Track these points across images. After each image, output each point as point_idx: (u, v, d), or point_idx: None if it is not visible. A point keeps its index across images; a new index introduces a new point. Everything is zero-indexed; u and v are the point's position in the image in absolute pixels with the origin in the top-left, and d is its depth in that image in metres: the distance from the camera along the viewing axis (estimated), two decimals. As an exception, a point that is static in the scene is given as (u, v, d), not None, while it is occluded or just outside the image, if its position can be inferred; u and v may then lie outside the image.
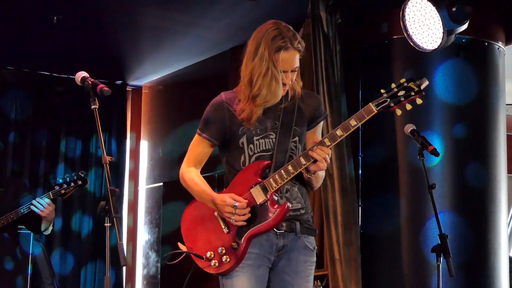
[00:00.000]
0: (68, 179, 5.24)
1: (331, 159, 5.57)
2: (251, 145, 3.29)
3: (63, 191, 5.20)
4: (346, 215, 5.56)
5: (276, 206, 3.21)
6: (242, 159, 3.30)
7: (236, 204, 3.18)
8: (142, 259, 8.63)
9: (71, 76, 7.73)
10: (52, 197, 5.18)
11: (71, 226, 8.05)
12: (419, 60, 5.53)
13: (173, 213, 7.56)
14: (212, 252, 3.27)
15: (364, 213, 5.72)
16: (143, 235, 8.65)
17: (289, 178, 3.20)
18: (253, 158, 3.29)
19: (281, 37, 3.22)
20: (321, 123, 3.46)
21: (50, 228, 5.33)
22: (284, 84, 3.27)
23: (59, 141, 8.13)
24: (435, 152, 4.20)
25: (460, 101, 5.53)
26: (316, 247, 3.40)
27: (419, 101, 3.20)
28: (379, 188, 5.69)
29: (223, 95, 3.39)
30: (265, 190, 3.22)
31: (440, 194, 5.29)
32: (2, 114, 7.85)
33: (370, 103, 3.19)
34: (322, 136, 3.45)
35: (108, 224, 3.04)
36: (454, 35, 5.09)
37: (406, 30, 5.19)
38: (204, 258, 3.27)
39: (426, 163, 4.29)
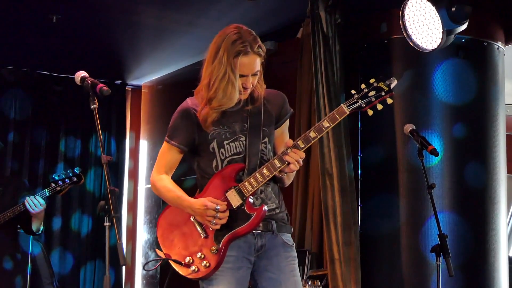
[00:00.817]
0: (63, 176, 5.25)
1: (331, 158, 5.62)
2: (222, 149, 3.30)
3: (58, 188, 5.22)
4: (345, 215, 5.56)
5: (253, 209, 3.24)
6: (214, 163, 3.32)
7: (218, 207, 3.20)
8: (142, 259, 8.63)
9: (70, 76, 7.76)
10: (48, 194, 5.18)
11: (71, 226, 8.05)
12: (419, 60, 5.53)
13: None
14: (190, 258, 3.28)
15: (363, 213, 5.72)
16: (143, 235, 8.65)
17: (264, 181, 3.22)
18: (225, 162, 3.31)
19: (241, 42, 3.24)
20: (288, 121, 3.48)
21: (42, 227, 5.34)
22: (245, 88, 3.29)
23: (58, 141, 8.13)
24: (434, 152, 4.21)
25: (460, 101, 5.53)
26: (294, 244, 3.42)
27: (389, 100, 3.21)
28: (378, 188, 5.69)
29: (189, 101, 3.41)
30: (240, 193, 3.24)
31: (439, 194, 5.29)
32: (1, 113, 7.85)
33: (342, 104, 3.22)
34: (289, 133, 3.50)
35: (108, 224, 3.05)
36: (453, 35, 5.09)
37: (406, 30, 5.19)
38: (182, 264, 3.28)
39: (425, 163, 4.30)
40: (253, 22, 6.64)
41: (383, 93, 3.19)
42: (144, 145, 8.86)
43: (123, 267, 8.26)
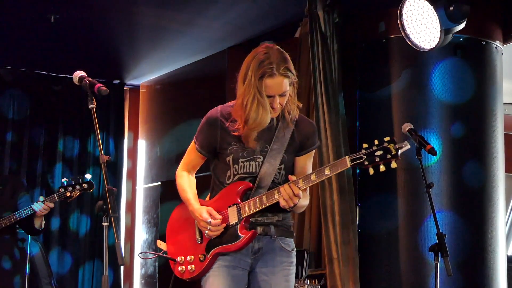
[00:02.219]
0: (72, 182, 5.23)
1: (329, 158, 5.61)
2: (235, 165, 3.37)
3: (68, 194, 5.20)
4: (344, 214, 5.56)
5: (244, 232, 3.31)
6: (228, 174, 3.40)
7: (210, 220, 3.30)
8: (140, 259, 8.62)
9: (68, 76, 7.76)
10: (57, 199, 5.17)
11: (69, 226, 8.05)
12: (417, 59, 5.54)
13: (170, 212, 7.53)
14: (182, 258, 3.42)
15: (362, 212, 5.72)
16: (141, 235, 8.65)
17: (261, 208, 3.29)
18: (236, 178, 3.38)
19: (268, 63, 3.24)
20: (313, 152, 3.49)
21: (43, 222, 5.34)
22: (273, 108, 3.31)
23: (56, 141, 8.12)
24: (432, 151, 4.21)
25: (458, 100, 5.53)
26: (294, 248, 3.47)
27: (394, 164, 3.14)
28: (377, 187, 5.69)
29: (219, 110, 3.44)
30: (239, 213, 3.32)
31: (437, 193, 5.29)
32: (-1, 113, 7.86)
33: (347, 157, 3.19)
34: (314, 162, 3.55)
35: (106, 224, 3.05)
36: (451, 34, 5.10)
37: (404, 29, 5.20)
38: (175, 261, 3.43)
39: (423, 162, 4.29)
40: (251, 22, 6.66)
41: (389, 156, 3.13)
42: (142, 145, 8.85)
43: (122, 267, 8.26)
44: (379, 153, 3.12)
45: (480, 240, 5.46)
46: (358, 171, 5.79)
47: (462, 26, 5.08)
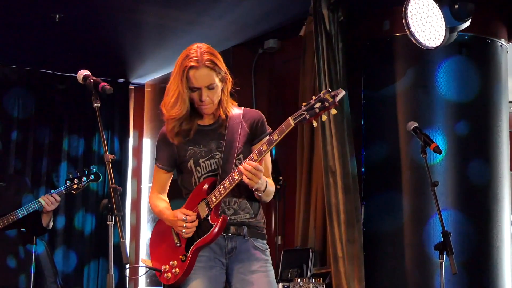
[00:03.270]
0: (78, 174, 5.24)
1: (334, 156, 5.62)
2: (198, 167, 3.46)
3: (75, 186, 5.20)
4: (349, 212, 5.56)
5: (215, 220, 3.38)
6: (193, 180, 3.48)
7: (185, 217, 3.37)
8: (146, 257, 8.61)
9: (73, 75, 7.77)
10: (64, 192, 5.17)
11: (74, 225, 8.05)
12: (422, 58, 5.53)
13: (175, 211, 7.54)
14: (166, 266, 3.48)
15: (367, 210, 5.72)
16: (146, 233, 8.66)
17: (226, 193, 3.34)
18: (201, 179, 3.46)
19: (192, 56, 3.34)
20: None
21: (51, 222, 5.32)
22: (202, 101, 3.38)
23: (61, 140, 8.13)
24: (437, 150, 4.21)
25: (463, 99, 5.53)
26: (268, 248, 3.52)
27: (333, 111, 3.18)
28: (382, 185, 5.69)
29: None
30: (208, 205, 3.39)
31: (443, 192, 5.29)
32: (4, 112, 7.85)
33: (289, 117, 3.23)
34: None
35: (111, 222, 3.06)
36: (456, 33, 5.10)
37: (409, 28, 5.20)
38: (161, 272, 3.50)
39: (428, 160, 4.30)
40: (255, 20, 6.66)
41: (327, 104, 3.16)
42: (147, 144, 8.86)
43: (127, 266, 8.27)
44: (317, 105, 3.17)
45: (485, 238, 5.46)
46: (363, 169, 5.79)
47: (467, 24, 5.08)
